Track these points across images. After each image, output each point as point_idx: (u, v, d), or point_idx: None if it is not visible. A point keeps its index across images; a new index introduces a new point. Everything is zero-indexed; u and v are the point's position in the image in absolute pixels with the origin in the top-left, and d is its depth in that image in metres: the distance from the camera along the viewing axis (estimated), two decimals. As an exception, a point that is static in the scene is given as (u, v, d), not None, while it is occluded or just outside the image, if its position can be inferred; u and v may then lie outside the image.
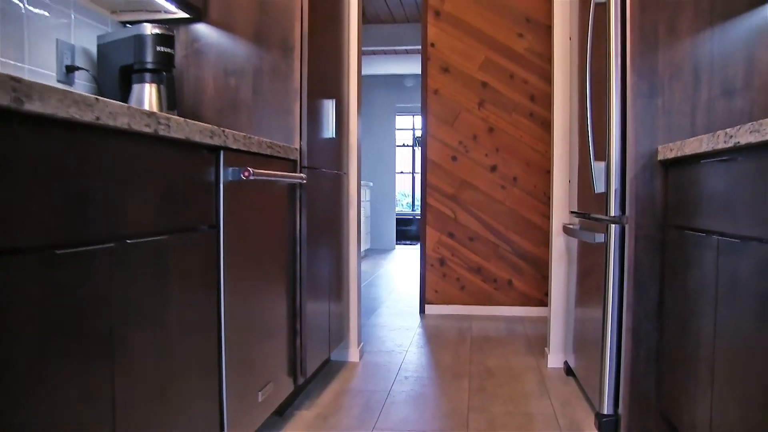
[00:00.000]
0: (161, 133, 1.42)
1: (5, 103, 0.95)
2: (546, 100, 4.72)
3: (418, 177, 12.82)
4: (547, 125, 4.74)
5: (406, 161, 12.60)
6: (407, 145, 12.51)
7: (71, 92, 1.09)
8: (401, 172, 12.40)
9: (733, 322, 1.67)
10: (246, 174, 1.85)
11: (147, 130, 1.36)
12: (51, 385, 1.09)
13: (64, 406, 1.13)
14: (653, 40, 2.28)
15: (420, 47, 5.11)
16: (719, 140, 1.70)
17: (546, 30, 4.68)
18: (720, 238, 1.75)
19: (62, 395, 1.12)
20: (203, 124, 1.64)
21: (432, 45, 4.87)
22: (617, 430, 2.41)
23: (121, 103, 1.26)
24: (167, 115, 1.44)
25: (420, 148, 4.95)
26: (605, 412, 2.43)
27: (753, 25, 2.25)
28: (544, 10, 4.68)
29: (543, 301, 4.83)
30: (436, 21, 4.85)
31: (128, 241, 1.33)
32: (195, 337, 1.67)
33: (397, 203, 11.70)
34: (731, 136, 1.62)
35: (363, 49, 6.46)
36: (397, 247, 11.21)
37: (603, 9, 2.44)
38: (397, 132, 11.40)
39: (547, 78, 4.70)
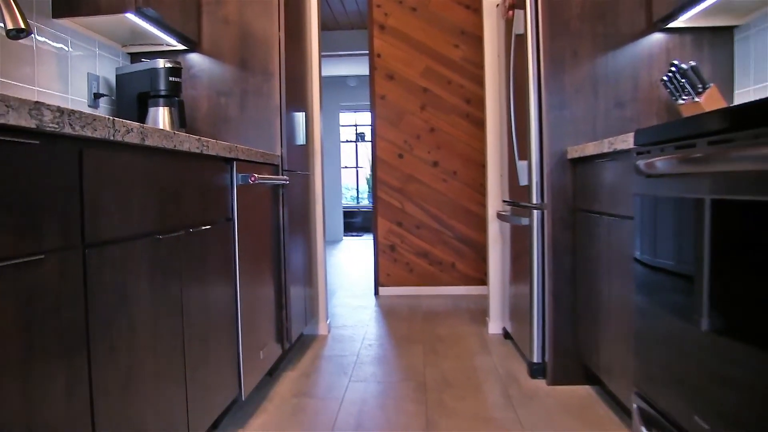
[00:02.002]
0: (204, 151, 1.95)
1: (137, 142, 1.48)
2: (480, 103, 5.35)
3: (362, 171, 13.40)
4: (481, 125, 5.37)
5: (350, 156, 13.16)
6: (351, 141, 13.07)
7: (162, 129, 1.63)
8: (346, 167, 12.95)
9: (617, 282, 2.30)
10: (252, 179, 2.39)
11: (196, 150, 1.89)
12: (146, 321, 1.63)
13: (151, 342, 1.67)
14: (561, 64, 2.90)
15: (363, 52, 5.66)
16: (605, 146, 2.32)
17: (478, 41, 5.31)
18: (608, 217, 2.38)
19: (148, 330, 1.66)
20: (224, 143, 2.18)
21: (378, 55, 5.45)
22: (544, 373, 3.04)
23: (187, 134, 1.79)
24: (206, 139, 1.98)
25: (363, 143, 5.50)
26: (535, 360, 3.06)
27: (636, 52, 2.89)
28: (477, 24, 5.31)
29: (483, 280, 5.47)
30: (381, 34, 5.43)
31: (191, 230, 1.87)
32: (223, 301, 2.21)
33: (342, 196, 12.23)
34: (612, 143, 2.24)
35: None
36: (344, 238, 11.76)
37: (522, 38, 3.05)
38: (341, 128, 11.95)
39: (480, 83, 5.32)
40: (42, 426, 1.16)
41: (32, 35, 2.33)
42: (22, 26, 1.84)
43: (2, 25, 1.86)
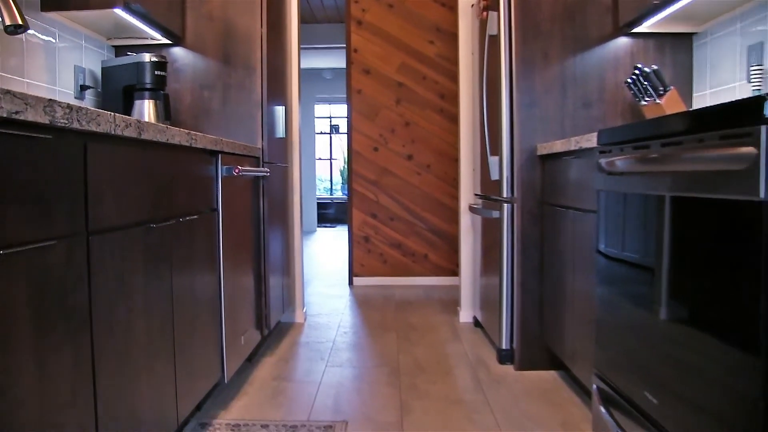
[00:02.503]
0: (192, 144, 2.06)
1: (134, 135, 1.59)
2: (454, 98, 5.49)
3: (336, 163, 13.49)
4: (454, 120, 5.50)
5: (324, 148, 13.24)
6: (325, 133, 13.14)
7: (156, 124, 1.73)
8: (320, 159, 13.03)
9: (581, 273, 2.45)
10: (236, 171, 2.50)
11: (186, 143, 2.00)
12: (140, 305, 1.74)
13: (144, 324, 1.78)
14: (532, 64, 3.04)
15: (339, 45, 5.76)
16: (571, 144, 2.46)
17: (453, 38, 5.43)
18: (573, 211, 2.53)
19: (140, 316, 1.77)
20: (211, 136, 2.28)
21: (355, 50, 5.55)
22: (512, 359, 3.19)
23: (178, 128, 1.90)
24: (195, 132, 2.08)
25: (337, 135, 5.60)
26: (503, 347, 3.20)
27: (603, 55, 3.04)
28: (452, 21, 5.43)
29: (455, 271, 5.62)
30: (359, 29, 5.54)
31: (180, 220, 1.97)
32: (207, 288, 2.32)
33: (316, 188, 12.31)
34: (578, 142, 2.38)
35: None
36: (318, 229, 11.86)
37: (495, 39, 3.19)
38: (316, 120, 12.02)
39: (455, 79, 5.45)
40: (53, 394, 1.27)
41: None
42: (20, 22, 1.93)
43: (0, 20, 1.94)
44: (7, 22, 1.92)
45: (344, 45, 5.62)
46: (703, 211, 1.37)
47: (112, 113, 1.47)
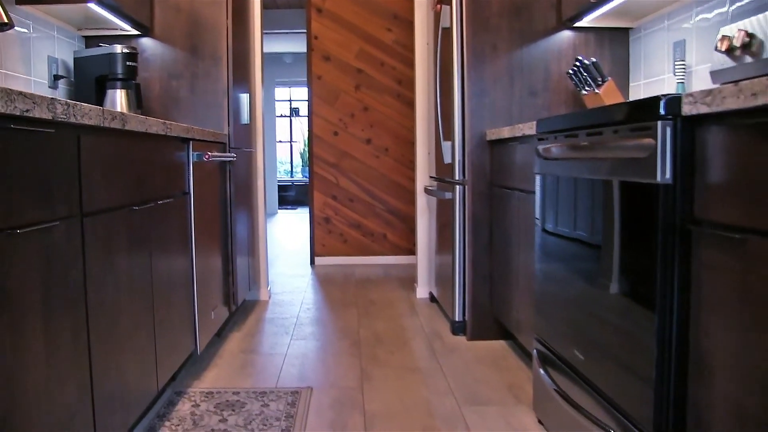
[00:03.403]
0: (168, 133, 2.23)
1: (119, 127, 1.76)
2: (411, 84, 5.69)
3: (296, 146, 13.61)
4: (412, 104, 5.71)
5: (284, 131, 13.34)
6: (285, 116, 13.24)
7: (137, 116, 1.91)
8: (280, 141, 13.13)
9: (525, 249, 2.69)
10: (207, 156, 2.68)
11: (162, 132, 2.17)
12: (126, 281, 1.93)
13: (118, 298, 1.97)
14: (482, 56, 3.26)
15: (299, 31, 5.91)
16: (516, 131, 2.70)
17: (409, 25, 5.63)
18: (518, 192, 2.77)
19: (116, 292, 1.96)
20: (183, 125, 2.45)
21: (315, 37, 5.72)
22: (465, 330, 3.43)
23: (155, 119, 2.07)
24: (170, 122, 2.26)
25: (297, 118, 5.76)
26: (456, 319, 3.45)
27: (547, 47, 3.28)
28: (408, 8, 5.63)
29: (412, 250, 5.85)
30: (319, 17, 5.70)
31: (159, 202, 2.15)
32: (181, 266, 2.50)
33: (276, 170, 12.42)
34: (521, 129, 2.62)
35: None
36: (279, 211, 11.99)
37: (448, 31, 3.40)
38: (276, 103, 12.12)
39: (412, 65, 5.65)
40: (57, 359, 1.45)
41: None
42: (6, 21, 2.08)
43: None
44: (-7, 20, 2.07)
45: (305, 30, 5.77)
46: (619, 192, 1.61)
47: (101, 108, 1.65)
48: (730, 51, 2.08)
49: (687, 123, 1.36)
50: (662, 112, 1.37)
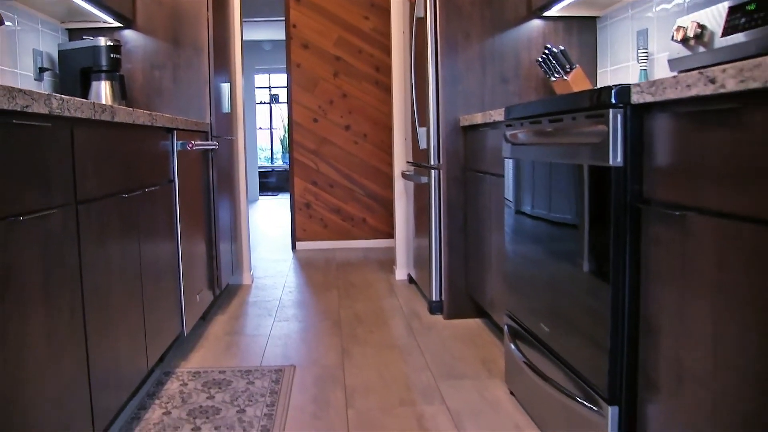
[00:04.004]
0: (153, 124, 2.33)
1: (109, 119, 1.86)
2: (388, 71, 5.79)
3: (276, 132, 13.65)
4: (389, 91, 5.81)
5: (264, 118, 13.37)
6: (265, 103, 13.28)
7: (125, 108, 2.00)
8: (260, 128, 13.17)
9: (497, 230, 2.82)
10: (191, 145, 2.77)
11: (148, 123, 2.27)
12: (116, 265, 2.03)
13: (109, 283, 2.07)
14: (455, 44, 3.37)
15: (278, 18, 5.98)
16: (488, 117, 2.82)
17: (386, 13, 5.72)
18: (490, 176, 2.89)
19: (108, 277, 2.07)
20: (168, 115, 2.55)
21: (294, 26, 5.80)
22: (442, 310, 3.56)
23: (142, 110, 2.17)
24: (156, 113, 2.35)
25: (277, 105, 5.82)
26: (433, 299, 3.58)
27: (518, 35, 3.40)
28: (384, -4, 5.73)
29: (391, 234, 5.98)
30: (297, 6, 5.77)
31: (146, 190, 2.26)
32: (167, 251, 2.60)
33: (257, 157, 12.47)
34: (491, 116, 2.74)
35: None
36: (260, 197, 12.06)
37: (422, 21, 3.50)
38: (256, 90, 12.16)
39: (389, 52, 5.74)
40: (56, 337, 1.56)
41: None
42: (-5, 17, 2.16)
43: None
44: (-17, 17, 2.15)
45: (283, 18, 5.85)
46: (577, 174, 1.74)
47: (92, 101, 1.75)
48: (684, 41, 2.21)
49: (636, 111, 1.49)
50: (613, 100, 1.50)
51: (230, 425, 2.20)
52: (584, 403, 1.71)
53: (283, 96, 13.03)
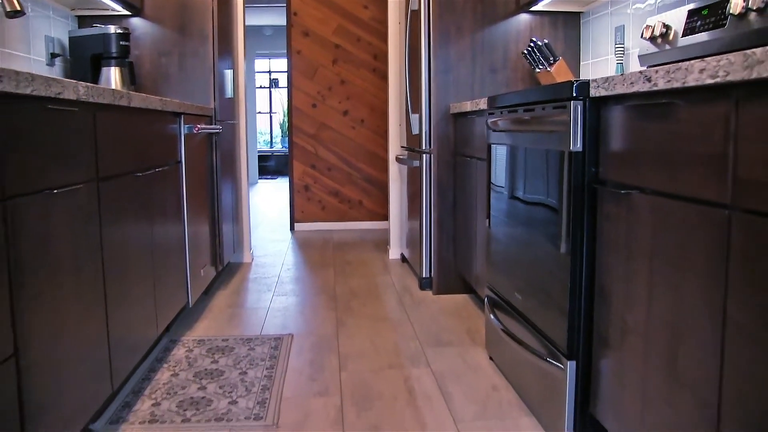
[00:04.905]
0: (164, 108, 2.53)
1: (126, 104, 2.07)
2: (385, 58, 5.97)
3: (276, 117, 13.83)
4: (386, 78, 5.98)
5: (264, 102, 13.54)
6: (265, 87, 13.45)
7: (140, 94, 2.21)
8: (260, 112, 13.35)
9: (483, 211, 3.03)
10: (196, 129, 2.97)
11: (159, 108, 2.47)
12: (131, 238, 2.24)
13: (132, 252, 2.29)
14: (447, 36, 3.57)
15: (278, 4, 6.15)
16: (475, 105, 3.02)
17: (385, 3, 5.89)
18: (477, 160, 3.10)
19: (136, 247, 2.28)
20: (176, 100, 2.75)
21: (295, 14, 5.98)
22: (431, 285, 3.78)
23: (153, 96, 2.37)
24: (166, 99, 2.55)
25: (277, 89, 5.99)
26: (424, 276, 3.79)
27: (507, 29, 3.59)
28: (382, -14, 5.91)
29: (387, 216, 6.18)
30: (297, -7, 5.96)
31: (157, 170, 2.46)
32: (175, 227, 2.81)
33: (257, 141, 12.65)
34: (478, 104, 2.94)
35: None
36: (260, 181, 12.26)
37: (416, 13, 3.69)
38: (256, 75, 12.33)
39: (386, 40, 5.92)
40: (84, 299, 1.77)
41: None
42: (19, 8, 2.35)
43: None
44: (8, 9, 2.34)
45: (284, 4, 6.03)
46: (545, 158, 1.95)
47: (111, 88, 1.95)
48: (652, 39, 2.41)
49: (594, 103, 1.70)
50: (575, 93, 1.71)
51: (233, 384, 2.42)
52: (549, 360, 1.93)
53: (282, 81, 13.20)
